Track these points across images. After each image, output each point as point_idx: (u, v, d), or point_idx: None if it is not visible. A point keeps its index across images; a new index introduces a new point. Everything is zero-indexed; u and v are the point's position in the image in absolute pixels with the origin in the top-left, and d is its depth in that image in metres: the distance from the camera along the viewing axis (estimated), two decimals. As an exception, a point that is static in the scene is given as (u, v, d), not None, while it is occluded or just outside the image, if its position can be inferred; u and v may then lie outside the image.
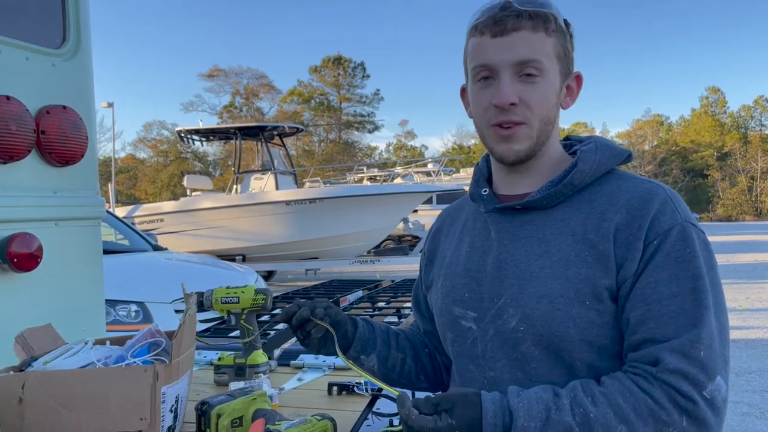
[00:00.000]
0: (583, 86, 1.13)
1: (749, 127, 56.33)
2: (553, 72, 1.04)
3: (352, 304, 2.70)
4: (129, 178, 47.54)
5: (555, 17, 1.03)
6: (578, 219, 1.03)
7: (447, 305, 1.15)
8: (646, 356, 0.93)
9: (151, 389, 1.03)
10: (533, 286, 1.02)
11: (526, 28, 1.01)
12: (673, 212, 0.98)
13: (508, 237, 1.08)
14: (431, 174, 18.74)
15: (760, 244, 19.96)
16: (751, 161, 51.71)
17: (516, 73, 1.02)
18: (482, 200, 1.15)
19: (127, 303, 3.91)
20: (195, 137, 13.63)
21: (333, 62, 48.97)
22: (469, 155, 49.02)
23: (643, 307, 0.94)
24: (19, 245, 1.70)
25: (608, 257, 0.97)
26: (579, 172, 1.05)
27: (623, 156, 1.10)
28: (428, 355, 1.30)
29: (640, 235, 0.97)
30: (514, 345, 1.03)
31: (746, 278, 11.02)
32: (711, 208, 51.57)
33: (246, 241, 11.89)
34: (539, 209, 1.07)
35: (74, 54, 1.96)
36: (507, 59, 1.01)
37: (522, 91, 1.02)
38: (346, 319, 1.21)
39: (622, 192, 1.03)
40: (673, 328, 0.92)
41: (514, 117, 1.03)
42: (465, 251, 1.16)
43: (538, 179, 1.10)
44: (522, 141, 1.05)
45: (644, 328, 0.94)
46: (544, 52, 1.02)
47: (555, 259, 1.01)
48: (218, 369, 1.65)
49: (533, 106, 1.03)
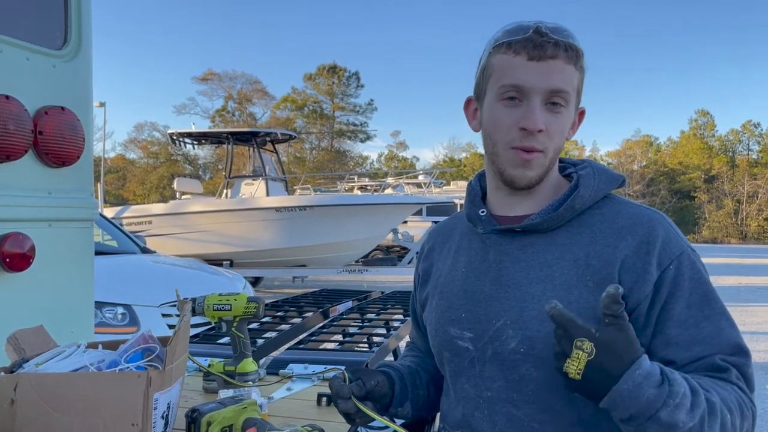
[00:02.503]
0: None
1: (737, 151, 56.99)
2: (573, 105, 1.07)
3: (341, 315, 2.70)
4: (118, 179, 47.20)
5: (583, 54, 1.05)
6: (580, 244, 1.05)
7: (442, 325, 1.15)
8: (706, 365, 0.97)
9: (143, 395, 1.04)
10: (534, 309, 1.03)
11: (562, 59, 1.02)
12: (677, 238, 1.03)
13: (508, 259, 1.09)
14: (422, 186, 18.81)
15: (745, 267, 20.16)
16: (738, 185, 52.26)
17: (544, 101, 1.03)
18: (480, 221, 1.15)
19: (114, 305, 3.88)
20: (187, 140, 13.59)
21: (328, 71, 49.07)
22: (460, 168, 49.23)
23: (683, 333, 0.98)
24: (11, 245, 1.70)
25: (611, 283, 0.98)
26: (580, 197, 1.06)
27: (618, 181, 1.12)
28: (442, 377, 1.26)
29: (649, 260, 0.99)
30: (513, 366, 1.04)
31: (730, 300, 11.11)
32: (697, 230, 51.95)
33: (234, 246, 11.84)
34: (539, 232, 1.08)
35: (75, 56, 1.97)
36: (542, 85, 1.02)
37: (547, 120, 1.03)
38: (384, 383, 1.15)
39: (623, 218, 1.05)
40: (717, 345, 0.97)
41: (537, 144, 1.04)
42: (461, 271, 1.15)
43: (537, 201, 1.11)
44: (537, 168, 1.06)
45: (690, 353, 0.97)
46: (572, 84, 1.04)
47: (557, 283, 1.03)
48: (207, 376, 1.65)
49: (554, 135, 1.05)
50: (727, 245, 45.88)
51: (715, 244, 46.11)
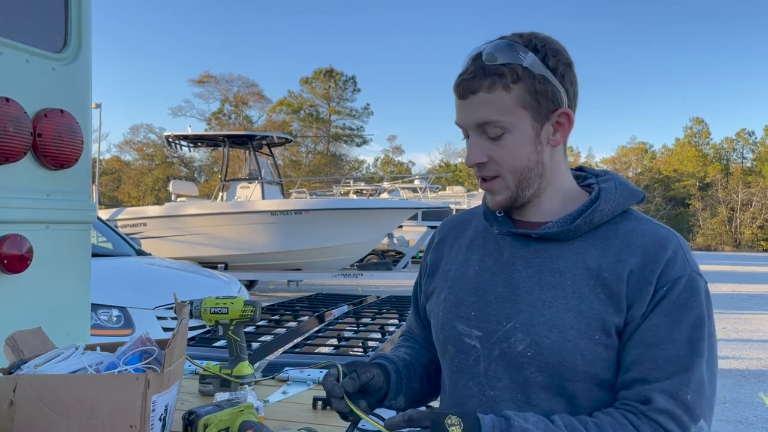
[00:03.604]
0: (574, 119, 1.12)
1: (731, 159, 57.35)
2: (521, 122, 1.05)
3: (337, 319, 2.71)
4: (113, 180, 47.09)
5: (513, 69, 1.02)
6: (593, 255, 1.06)
7: (450, 320, 1.15)
8: (637, 395, 0.97)
9: (141, 397, 1.04)
10: (545, 315, 1.04)
11: (482, 89, 1.04)
12: (684, 262, 1.02)
13: (522, 262, 1.10)
14: (418, 190, 18.83)
15: (738, 275, 20.24)
16: (732, 193, 52.53)
17: (481, 133, 1.07)
18: (496, 221, 1.16)
19: (109, 308, 3.88)
20: (183, 143, 13.59)
21: (324, 74, 49.13)
22: (455, 173, 49.28)
23: (641, 348, 0.99)
24: (9, 246, 1.70)
25: (620, 297, 1.01)
26: (600, 210, 1.07)
27: (638, 197, 1.12)
28: (436, 370, 1.28)
29: (651, 279, 1.00)
30: (519, 368, 1.05)
31: (723, 308, 11.16)
32: (691, 238, 52.17)
33: (229, 249, 11.84)
34: (554, 240, 1.09)
35: (74, 59, 1.98)
36: (468, 122, 1.07)
37: (490, 149, 1.07)
38: (380, 376, 1.15)
39: (638, 235, 1.06)
40: (665, 371, 0.96)
41: (487, 173, 1.09)
42: (474, 269, 1.16)
43: (546, 211, 1.12)
44: (500, 192, 1.10)
45: (639, 368, 0.98)
46: (502, 110, 1.04)
47: (569, 291, 1.04)
48: (203, 379, 1.66)
49: (502, 162, 1.07)
50: (721, 252, 46.07)
51: (709, 252, 46.28)
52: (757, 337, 8.44)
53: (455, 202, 17.39)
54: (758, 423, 4.68)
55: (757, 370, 6.48)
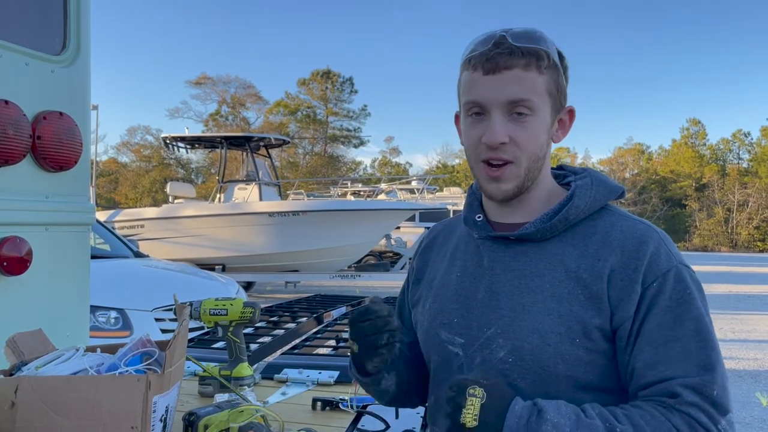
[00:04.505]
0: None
1: (727, 159, 57.43)
2: (545, 109, 1.04)
3: (335, 320, 2.72)
4: (110, 182, 47.00)
5: (548, 54, 1.03)
6: (572, 255, 1.04)
7: (434, 328, 1.15)
8: (661, 390, 0.95)
9: (142, 398, 1.05)
10: (525, 320, 1.03)
11: (518, 67, 1.01)
12: (668, 255, 1.01)
13: (501, 267, 1.09)
14: (415, 192, 18.81)
15: (735, 276, 20.28)
16: (728, 193, 52.63)
17: (507, 112, 1.02)
18: (475, 226, 1.15)
19: (107, 309, 3.88)
20: (180, 144, 13.56)
21: (321, 76, 49.11)
22: (453, 174, 49.32)
23: (650, 351, 0.97)
24: (9, 249, 1.71)
25: (600, 298, 0.99)
26: (574, 207, 1.06)
27: (617, 192, 1.11)
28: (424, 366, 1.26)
29: (636, 277, 0.99)
30: (501, 375, 1.03)
31: (720, 308, 11.18)
32: (688, 238, 52.27)
33: (227, 251, 11.82)
34: (533, 241, 1.08)
35: (73, 61, 1.98)
36: (498, 98, 1.02)
37: (512, 130, 1.03)
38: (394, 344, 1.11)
39: (616, 231, 1.04)
40: (682, 367, 0.95)
41: (504, 155, 1.04)
42: (456, 275, 1.16)
43: (531, 210, 1.11)
44: (510, 180, 1.06)
45: (653, 372, 0.96)
46: (535, 90, 1.02)
47: (548, 294, 1.02)
48: (203, 380, 1.67)
49: (523, 145, 1.03)
50: (718, 253, 46.16)
51: (706, 252, 46.36)
52: (753, 338, 8.46)
53: (452, 204, 17.36)
54: (755, 423, 4.70)
55: (754, 370, 6.50)
